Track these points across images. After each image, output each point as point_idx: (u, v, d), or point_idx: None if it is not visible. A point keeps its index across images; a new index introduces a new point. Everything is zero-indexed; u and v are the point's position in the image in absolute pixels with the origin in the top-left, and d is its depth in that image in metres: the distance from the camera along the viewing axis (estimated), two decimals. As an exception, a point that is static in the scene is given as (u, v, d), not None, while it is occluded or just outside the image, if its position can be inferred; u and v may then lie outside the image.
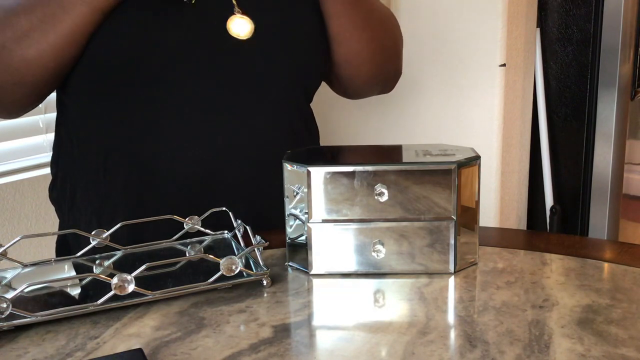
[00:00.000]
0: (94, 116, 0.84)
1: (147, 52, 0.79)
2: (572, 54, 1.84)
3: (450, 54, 1.64)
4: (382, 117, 1.76)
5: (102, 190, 0.85)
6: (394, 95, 1.69)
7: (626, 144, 1.86)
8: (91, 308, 0.57)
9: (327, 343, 0.54)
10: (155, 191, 0.83)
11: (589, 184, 1.88)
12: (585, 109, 1.86)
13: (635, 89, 1.86)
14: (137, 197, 0.83)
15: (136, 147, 0.82)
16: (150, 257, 0.69)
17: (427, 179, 0.64)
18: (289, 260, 0.68)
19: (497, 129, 1.62)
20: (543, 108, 1.85)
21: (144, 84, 0.80)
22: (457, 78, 1.64)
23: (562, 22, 1.83)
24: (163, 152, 0.82)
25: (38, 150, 1.33)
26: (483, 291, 0.61)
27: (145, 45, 0.79)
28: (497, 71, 1.59)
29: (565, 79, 1.86)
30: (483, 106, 1.62)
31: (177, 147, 0.82)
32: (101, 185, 0.85)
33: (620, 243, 0.74)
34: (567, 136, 1.89)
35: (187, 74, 0.81)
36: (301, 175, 0.64)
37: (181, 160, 0.82)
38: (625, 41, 1.78)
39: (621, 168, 1.87)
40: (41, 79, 0.80)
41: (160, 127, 0.82)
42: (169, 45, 0.80)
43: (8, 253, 0.66)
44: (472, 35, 1.60)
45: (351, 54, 0.91)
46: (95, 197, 0.86)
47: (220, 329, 0.55)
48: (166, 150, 0.82)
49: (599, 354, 0.50)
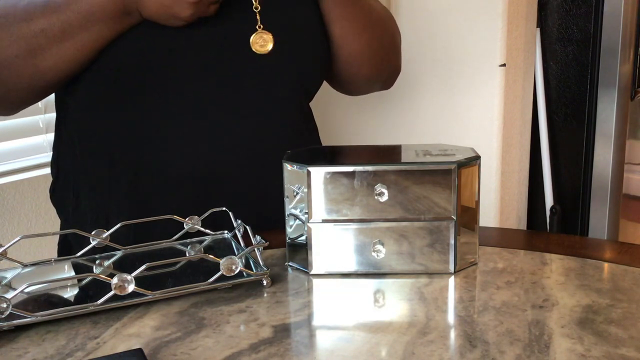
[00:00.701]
0: (99, 117, 0.84)
1: (153, 56, 0.79)
2: (572, 54, 1.84)
3: (450, 54, 1.64)
4: (382, 117, 1.76)
5: (106, 193, 0.85)
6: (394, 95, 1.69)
7: (626, 144, 1.86)
8: (91, 308, 0.57)
9: (327, 343, 0.54)
10: (160, 193, 0.83)
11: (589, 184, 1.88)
12: (585, 109, 1.86)
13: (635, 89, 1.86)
14: (142, 199, 0.83)
15: (141, 149, 0.82)
16: (150, 257, 0.69)
17: (427, 179, 0.64)
18: (289, 260, 0.68)
19: (497, 129, 1.62)
20: (543, 108, 1.85)
21: (150, 87, 0.80)
22: (457, 78, 1.64)
23: (562, 22, 1.83)
24: (168, 154, 0.82)
25: (38, 150, 1.33)
26: (483, 291, 0.61)
27: (152, 49, 0.79)
28: (497, 71, 1.59)
29: (565, 79, 1.86)
30: (483, 106, 1.62)
31: (182, 149, 0.82)
32: (105, 187, 0.85)
33: (620, 243, 0.74)
34: (567, 136, 1.89)
35: (191, 76, 0.81)
36: (301, 175, 0.64)
37: (186, 161, 0.82)
38: (625, 41, 1.78)
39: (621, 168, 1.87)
40: (51, 86, 0.81)
41: (166, 128, 0.82)
42: (175, 49, 0.80)
43: (8, 253, 0.66)
44: (472, 35, 1.60)
45: (352, 55, 0.92)
46: (100, 200, 0.86)
47: (220, 329, 0.55)
48: (171, 152, 0.82)
49: (599, 354, 0.50)
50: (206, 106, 0.82)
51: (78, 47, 0.76)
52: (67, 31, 0.75)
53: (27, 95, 0.81)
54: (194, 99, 0.82)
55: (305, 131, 0.93)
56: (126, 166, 0.83)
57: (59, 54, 0.76)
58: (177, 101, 0.81)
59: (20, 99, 0.82)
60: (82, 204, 0.88)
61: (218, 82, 0.82)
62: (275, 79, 0.85)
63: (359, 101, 1.76)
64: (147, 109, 0.81)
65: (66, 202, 0.91)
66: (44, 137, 1.34)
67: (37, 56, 0.76)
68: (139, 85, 0.80)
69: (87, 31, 0.75)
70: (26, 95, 0.82)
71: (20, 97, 0.82)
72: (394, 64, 0.99)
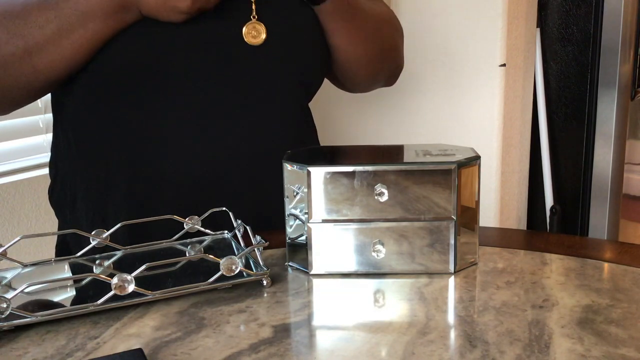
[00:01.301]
0: (94, 118, 0.84)
1: (147, 56, 0.79)
2: (572, 54, 1.84)
3: (450, 54, 1.64)
4: (382, 117, 1.76)
5: (104, 195, 0.85)
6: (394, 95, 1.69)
7: (626, 144, 1.87)
8: (91, 308, 0.57)
9: (327, 343, 0.54)
10: (160, 194, 0.83)
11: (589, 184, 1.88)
12: (585, 109, 1.86)
13: (635, 89, 1.86)
14: (140, 200, 0.83)
15: (137, 150, 0.82)
16: (150, 257, 0.69)
17: (427, 179, 0.64)
18: (289, 260, 0.68)
19: (497, 129, 1.62)
20: (543, 108, 1.85)
21: (145, 87, 0.80)
22: (457, 78, 1.64)
23: (562, 22, 1.83)
24: (167, 155, 0.82)
25: (38, 150, 1.33)
26: (483, 291, 0.61)
27: (152, 49, 0.79)
28: (497, 71, 1.59)
29: (565, 79, 1.86)
30: (483, 106, 1.62)
31: (181, 150, 0.82)
32: (103, 189, 0.85)
33: (620, 243, 0.74)
34: (567, 136, 1.89)
35: (186, 74, 0.81)
36: (301, 175, 0.64)
37: (185, 163, 0.82)
38: (625, 41, 1.78)
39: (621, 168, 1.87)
40: (48, 86, 0.80)
41: (164, 129, 0.81)
42: (175, 49, 0.80)
43: (8, 253, 0.66)
44: (472, 35, 1.60)
45: (350, 61, 0.92)
46: (97, 201, 0.86)
47: (220, 329, 0.55)
48: (170, 153, 0.82)
49: (599, 354, 0.50)
50: (203, 104, 0.81)
51: (75, 46, 0.76)
52: (64, 28, 0.75)
53: (22, 94, 0.81)
54: (191, 97, 0.81)
55: (306, 131, 0.93)
56: (123, 167, 0.83)
57: (56, 52, 0.76)
58: (173, 100, 0.81)
59: (16, 98, 0.82)
60: (79, 206, 0.88)
61: (214, 79, 0.81)
62: (272, 73, 0.84)
63: (359, 101, 1.76)
64: (143, 109, 0.81)
65: (63, 203, 0.91)
66: (44, 137, 1.34)
67: (33, 55, 0.75)
68: (134, 86, 0.80)
69: (84, 28, 0.75)
70: (22, 95, 0.81)
71: (16, 97, 0.81)
72: (394, 64, 0.99)
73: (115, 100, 0.82)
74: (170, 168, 0.82)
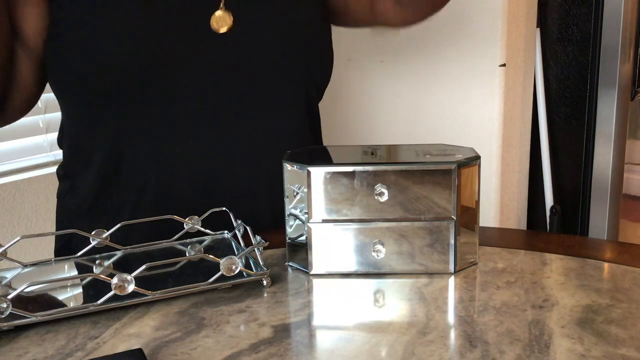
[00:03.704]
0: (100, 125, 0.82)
1: (155, 63, 0.77)
2: (572, 54, 1.84)
3: (450, 54, 1.64)
4: (382, 117, 1.76)
5: (113, 202, 0.84)
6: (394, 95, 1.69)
7: (626, 144, 1.86)
8: (91, 308, 0.57)
9: (327, 343, 0.54)
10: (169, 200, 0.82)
11: (589, 184, 1.88)
12: (585, 109, 1.86)
13: (635, 89, 1.86)
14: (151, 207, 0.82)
15: (148, 157, 0.81)
16: (150, 257, 0.69)
17: (427, 179, 0.64)
18: (289, 260, 0.68)
19: (497, 129, 1.62)
20: (543, 108, 1.85)
21: (153, 95, 0.79)
22: (457, 78, 1.64)
23: (562, 22, 1.83)
24: (177, 161, 0.81)
25: (38, 150, 1.33)
26: (483, 291, 0.61)
27: (153, 57, 0.77)
28: (497, 71, 1.59)
29: (565, 79, 1.86)
30: (483, 106, 1.62)
31: (190, 156, 0.81)
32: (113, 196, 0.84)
33: (620, 243, 0.74)
34: (567, 136, 1.89)
35: (195, 82, 0.79)
36: (301, 175, 0.64)
37: (194, 167, 0.81)
38: (625, 41, 1.78)
39: (621, 168, 1.87)
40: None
41: (173, 135, 0.80)
42: (177, 56, 0.78)
43: (8, 253, 0.66)
44: (472, 35, 1.60)
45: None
46: (107, 209, 0.85)
47: (220, 329, 0.55)
48: (180, 159, 0.81)
49: (599, 354, 0.50)
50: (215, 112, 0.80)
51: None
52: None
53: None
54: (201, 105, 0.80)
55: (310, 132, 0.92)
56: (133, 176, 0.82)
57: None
58: (183, 110, 0.80)
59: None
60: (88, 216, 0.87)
61: (224, 89, 0.80)
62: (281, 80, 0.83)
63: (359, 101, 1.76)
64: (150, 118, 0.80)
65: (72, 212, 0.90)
66: (44, 137, 1.34)
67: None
68: (138, 96, 0.78)
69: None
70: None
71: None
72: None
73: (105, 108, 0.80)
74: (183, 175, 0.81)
